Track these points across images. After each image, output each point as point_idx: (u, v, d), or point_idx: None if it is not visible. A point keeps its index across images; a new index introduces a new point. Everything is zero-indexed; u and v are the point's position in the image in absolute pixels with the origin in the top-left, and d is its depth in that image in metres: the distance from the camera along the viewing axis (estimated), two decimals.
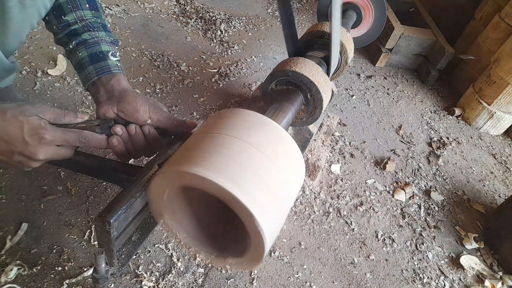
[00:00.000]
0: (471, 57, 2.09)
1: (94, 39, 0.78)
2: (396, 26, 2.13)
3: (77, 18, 0.79)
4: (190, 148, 0.56)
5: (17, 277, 0.92)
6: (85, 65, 0.77)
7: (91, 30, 0.79)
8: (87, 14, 0.81)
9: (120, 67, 0.80)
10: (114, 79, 0.76)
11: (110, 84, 0.75)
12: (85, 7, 0.80)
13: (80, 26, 0.79)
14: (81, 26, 0.79)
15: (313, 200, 1.35)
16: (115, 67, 0.78)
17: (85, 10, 0.80)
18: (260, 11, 2.48)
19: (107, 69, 0.76)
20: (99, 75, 0.76)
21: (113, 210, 0.61)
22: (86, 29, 0.79)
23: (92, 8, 0.82)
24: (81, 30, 0.79)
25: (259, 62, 2.01)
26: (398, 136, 1.78)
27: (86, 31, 0.79)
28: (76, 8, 0.79)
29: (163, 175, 0.54)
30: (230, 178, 0.49)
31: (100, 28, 0.81)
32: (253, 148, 0.54)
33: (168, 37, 1.99)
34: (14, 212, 1.06)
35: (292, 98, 0.94)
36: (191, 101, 1.63)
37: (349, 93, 1.97)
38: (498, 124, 1.93)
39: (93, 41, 0.78)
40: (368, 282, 1.15)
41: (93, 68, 0.76)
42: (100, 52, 0.77)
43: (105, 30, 0.82)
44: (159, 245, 1.08)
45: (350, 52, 1.25)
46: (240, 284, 1.05)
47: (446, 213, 1.45)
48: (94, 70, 0.76)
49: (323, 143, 1.45)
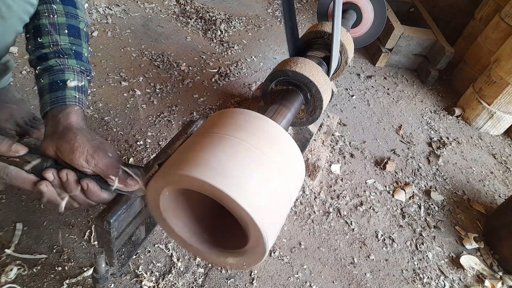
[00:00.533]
0: None
1: (60, 66, 0.72)
2: (396, 26, 2.13)
3: (51, 42, 0.74)
4: (189, 148, 0.56)
5: (17, 277, 0.92)
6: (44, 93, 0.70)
7: (61, 56, 0.73)
8: (63, 39, 0.75)
9: (79, 99, 0.71)
10: (63, 112, 0.67)
11: (58, 118, 0.67)
12: (63, 33, 0.75)
13: (51, 51, 0.73)
14: (52, 51, 0.73)
15: (313, 200, 1.35)
16: (71, 99, 0.70)
17: (62, 35, 0.75)
18: (260, 11, 2.48)
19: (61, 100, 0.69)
20: (52, 105, 0.68)
21: (113, 210, 0.61)
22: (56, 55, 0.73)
23: (71, 34, 0.76)
24: (51, 55, 0.73)
25: (259, 62, 2.01)
26: (398, 136, 1.78)
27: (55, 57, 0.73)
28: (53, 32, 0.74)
29: (163, 176, 0.54)
30: (229, 180, 0.49)
31: (72, 55, 0.75)
32: (253, 149, 0.54)
33: (168, 37, 1.99)
34: (14, 212, 1.06)
35: (292, 98, 0.94)
36: (191, 101, 1.63)
37: (349, 93, 1.97)
38: (498, 124, 1.93)
39: (58, 69, 0.72)
40: (368, 282, 1.15)
41: (49, 97, 0.69)
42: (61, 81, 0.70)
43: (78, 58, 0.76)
44: (159, 245, 1.08)
45: (350, 52, 1.25)
46: (240, 284, 1.05)
47: (446, 213, 1.45)
48: (49, 100, 0.69)
49: (323, 143, 1.45)
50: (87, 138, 0.63)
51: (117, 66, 1.69)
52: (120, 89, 1.57)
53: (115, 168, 0.63)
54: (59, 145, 0.63)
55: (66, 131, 0.64)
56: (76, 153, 0.61)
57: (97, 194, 0.63)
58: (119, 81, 1.61)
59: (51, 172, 0.61)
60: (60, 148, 0.63)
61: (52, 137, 0.65)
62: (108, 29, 1.88)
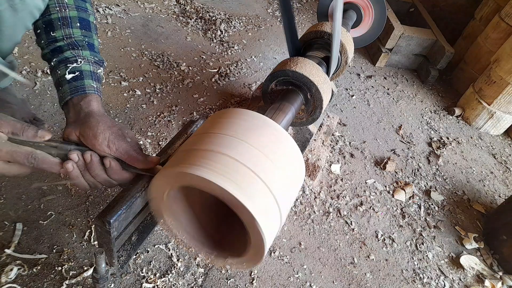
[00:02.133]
0: None
1: (75, 57, 0.76)
2: (396, 26, 2.13)
3: (65, 35, 0.77)
4: (190, 148, 0.56)
5: (17, 277, 0.92)
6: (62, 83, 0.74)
7: (75, 48, 0.77)
8: (76, 32, 0.78)
9: (97, 88, 0.76)
10: (84, 100, 0.72)
11: (79, 105, 0.71)
12: (75, 26, 0.78)
13: (65, 44, 0.77)
14: (66, 43, 0.77)
15: (313, 200, 1.35)
16: (90, 87, 0.74)
17: (75, 28, 0.78)
18: (260, 11, 2.48)
19: (81, 89, 0.73)
20: (72, 94, 0.72)
21: (113, 210, 0.61)
22: (70, 47, 0.76)
23: (83, 27, 0.79)
24: (66, 47, 0.76)
25: (259, 62, 2.01)
26: (398, 136, 1.78)
27: (70, 49, 0.76)
28: (66, 25, 0.77)
29: (163, 175, 0.54)
30: (230, 179, 0.49)
31: (86, 47, 0.79)
32: (252, 148, 0.54)
33: (168, 37, 1.99)
34: (14, 212, 1.06)
35: (292, 98, 0.94)
36: (191, 101, 1.63)
37: (349, 93, 1.97)
38: (498, 124, 1.93)
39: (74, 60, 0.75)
40: (368, 282, 1.15)
41: (68, 87, 0.73)
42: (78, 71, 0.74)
43: (91, 49, 0.80)
44: (159, 245, 1.08)
45: (350, 52, 1.25)
46: (240, 284, 1.05)
47: (446, 213, 1.45)
48: (68, 89, 0.73)
49: (323, 143, 1.45)
50: (108, 125, 0.67)
51: (117, 66, 1.69)
52: (120, 89, 1.57)
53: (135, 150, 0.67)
54: (82, 131, 0.66)
55: (88, 117, 0.68)
56: (99, 138, 0.65)
57: (119, 172, 0.67)
58: (119, 81, 1.61)
59: (76, 154, 0.65)
60: (83, 134, 0.66)
61: (75, 123, 0.69)
62: (108, 29, 1.88)
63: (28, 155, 0.62)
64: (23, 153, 0.61)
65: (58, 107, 1.41)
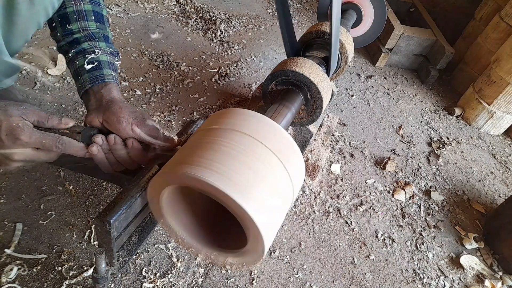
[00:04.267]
0: None
1: (93, 48, 0.79)
2: (396, 26, 2.13)
3: (81, 27, 0.81)
4: (190, 148, 0.56)
5: (17, 277, 0.93)
6: (81, 73, 0.78)
7: (92, 40, 0.81)
8: (91, 25, 0.82)
9: (115, 77, 0.80)
10: (105, 88, 0.76)
11: (100, 93, 0.75)
12: (91, 19, 0.82)
13: (82, 36, 0.80)
14: (83, 35, 0.80)
15: (313, 200, 1.35)
16: (109, 76, 0.78)
17: (90, 21, 0.82)
18: (260, 11, 2.48)
19: (100, 78, 0.77)
20: (92, 83, 0.76)
21: (113, 210, 0.61)
22: (87, 39, 0.80)
23: (97, 20, 0.83)
24: (82, 39, 0.80)
25: (259, 62, 2.01)
26: (398, 136, 1.78)
27: (87, 41, 0.80)
28: (81, 18, 0.81)
29: (163, 176, 0.54)
30: (228, 179, 0.49)
31: (102, 38, 0.83)
32: (253, 148, 0.54)
33: (168, 37, 1.99)
34: (14, 212, 1.06)
35: (292, 98, 0.94)
36: (191, 101, 1.63)
37: (349, 93, 1.97)
38: (498, 124, 1.93)
39: (92, 51, 0.79)
40: (368, 282, 1.15)
41: (88, 76, 0.77)
42: (97, 61, 0.78)
43: (106, 41, 0.84)
44: (159, 245, 1.08)
45: (350, 52, 1.25)
46: (240, 284, 1.05)
47: (446, 213, 1.45)
48: (88, 79, 0.76)
49: (323, 143, 1.45)
50: (130, 110, 0.72)
51: None
52: (120, 89, 1.57)
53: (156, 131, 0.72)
54: (106, 116, 0.71)
55: (111, 104, 0.72)
56: (123, 123, 0.70)
57: (140, 153, 0.71)
58: (119, 81, 1.61)
59: (100, 137, 0.69)
60: (106, 119, 0.71)
61: (97, 110, 0.73)
62: None
63: (55, 141, 0.65)
64: (51, 139, 0.64)
65: (58, 107, 1.41)
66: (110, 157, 0.71)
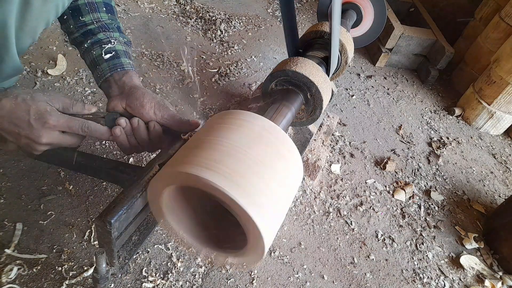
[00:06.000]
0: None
1: (108, 39, 0.82)
2: (396, 26, 2.13)
3: (94, 19, 0.83)
4: (190, 148, 0.56)
5: (17, 277, 0.92)
6: (99, 62, 0.80)
7: (106, 30, 0.83)
8: (104, 16, 0.84)
9: (133, 65, 0.83)
10: (126, 76, 0.79)
11: (122, 81, 0.78)
12: (102, 10, 0.84)
13: (96, 27, 0.83)
14: (97, 26, 0.83)
15: (313, 200, 1.35)
16: (128, 65, 0.81)
17: (102, 12, 0.84)
18: (260, 11, 2.48)
19: (120, 66, 0.80)
20: (112, 71, 0.79)
21: (114, 210, 0.61)
22: (101, 30, 0.83)
23: (108, 11, 0.86)
24: (97, 30, 0.82)
25: (259, 62, 2.01)
26: (398, 136, 1.78)
27: (102, 31, 0.82)
28: (93, 10, 0.83)
29: (164, 175, 0.54)
30: (229, 179, 0.49)
31: (115, 29, 0.85)
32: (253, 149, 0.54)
33: (168, 37, 1.99)
34: (14, 212, 1.06)
35: (292, 98, 0.94)
36: (191, 101, 1.63)
37: (349, 93, 1.97)
38: (498, 124, 1.93)
39: (108, 41, 0.82)
40: (368, 282, 1.15)
41: (107, 65, 0.79)
42: (114, 51, 0.81)
43: (119, 31, 0.86)
44: (159, 245, 1.08)
45: (350, 52, 1.25)
46: (240, 284, 1.05)
47: (446, 213, 1.45)
48: (107, 67, 0.79)
49: (323, 143, 1.45)
50: (152, 96, 0.76)
51: None
52: None
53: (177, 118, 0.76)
54: (129, 102, 0.74)
55: (133, 90, 0.76)
56: (146, 107, 0.74)
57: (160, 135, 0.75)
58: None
59: (123, 119, 0.73)
60: (130, 104, 0.74)
61: (120, 96, 0.76)
62: None
63: (82, 124, 0.69)
64: (78, 123, 0.68)
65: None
66: (131, 140, 0.75)
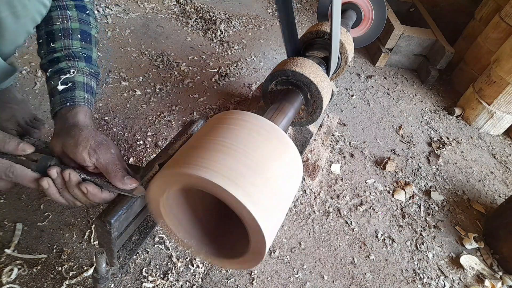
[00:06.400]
0: None
1: (69, 68, 0.75)
2: (396, 26, 2.13)
3: (64, 46, 0.77)
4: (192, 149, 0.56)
5: (17, 277, 0.93)
6: (54, 94, 0.73)
7: (71, 59, 0.76)
8: (75, 44, 0.78)
9: (87, 99, 0.74)
10: (72, 112, 0.70)
11: (66, 117, 0.70)
12: (76, 38, 0.78)
13: (63, 55, 0.76)
14: (64, 54, 0.77)
15: (313, 200, 1.35)
16: (80, 99, 0.72)
17: (75, 40, 0.78)
18: (260, 11, 2.48)
19: (70, 100, 0.71)
20: (61, 105, 0.71)
21: (114, 210, 0.61)
22: (66, 58, 0.76)
23: (83, 39, 0.79)
24: (62, 58, 0.76)
25: (259, 62, 2.01)
26: (398, 136, 1.78)
27: (66, 60, 0.76)
28: (66, 36, 0.77)
29: (164, 176, 0.54)
30: (230, 179, 0.49)
31: (82, 58, 0.78)
32: (251, 149, 0.54)
33: (168, 37, 1.99)
34: (14, 212, 1.06)
35: (292, 98, 0.94)
36: (191, 101, 1.63)
37: (349, 93, 1.97)
38: (498, 124, 1.93)
39: (68, 71, 0.75)
40: (368, 282, 1.15)
41: (59, 98, 0.72)
42: (71, 82, 0.74)
43: (88, 61, 0.79)
44: (159, 245, 1.08)
45: (350, 52, 1.25)
46: (240, 284, 1.05)
47: (446, 213, 1.45)
48: (59, 100, 0.72)
49: (323, 143, 1.45)
50: (91, 134, 0.65)
51: (117, 66, 1.69)
52: (120, 89, 1.57)
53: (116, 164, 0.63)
54: (64, 140, 0.65)
55: (72, 127, 0.67)
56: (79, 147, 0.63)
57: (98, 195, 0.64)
58: (119, 81, 1.61)
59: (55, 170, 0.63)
60: (65, 143, 0.64)
61: (59, 134, 0.67)
62: (108, 29, 1.88)
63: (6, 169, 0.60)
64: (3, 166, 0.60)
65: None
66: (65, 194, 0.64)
